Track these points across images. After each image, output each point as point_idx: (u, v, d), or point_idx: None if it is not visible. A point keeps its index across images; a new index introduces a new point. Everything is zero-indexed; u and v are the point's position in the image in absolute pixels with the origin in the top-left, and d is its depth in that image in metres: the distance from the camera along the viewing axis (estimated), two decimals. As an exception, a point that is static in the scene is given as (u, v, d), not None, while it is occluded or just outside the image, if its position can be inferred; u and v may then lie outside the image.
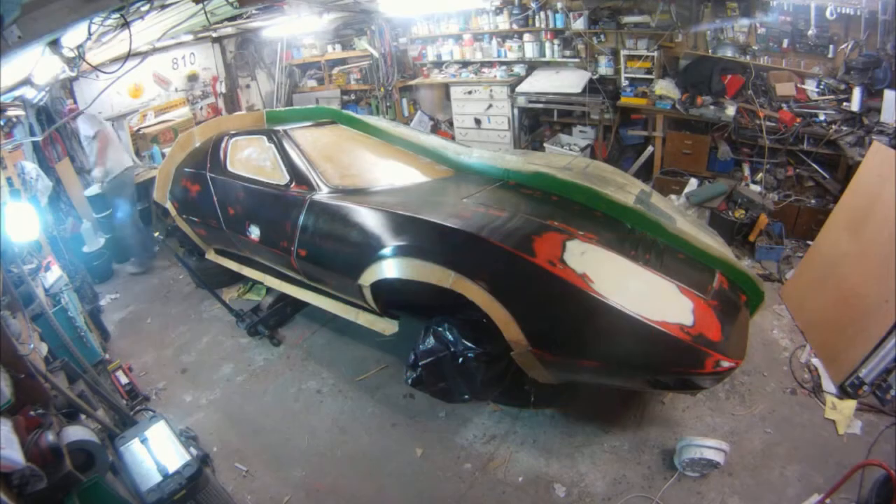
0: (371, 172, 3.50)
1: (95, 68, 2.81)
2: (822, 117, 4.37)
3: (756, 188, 4.66)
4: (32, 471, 1.62)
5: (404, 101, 7.09)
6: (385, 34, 6.59)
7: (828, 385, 3.01)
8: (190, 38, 5.96)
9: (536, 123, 6.55)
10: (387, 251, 2.68)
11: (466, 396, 2.70)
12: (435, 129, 6.95)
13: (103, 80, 2.87)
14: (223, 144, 3.80)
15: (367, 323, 3.18)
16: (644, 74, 5.27)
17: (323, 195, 3.15)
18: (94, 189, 4.96)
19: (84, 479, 1.82)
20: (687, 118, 4.94)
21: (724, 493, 2.50)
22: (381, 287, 2.82)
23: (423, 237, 2.62)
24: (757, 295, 2.77)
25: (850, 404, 2.84)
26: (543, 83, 5.81)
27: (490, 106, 6.23)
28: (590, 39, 5.57)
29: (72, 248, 4.59)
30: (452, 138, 6.40)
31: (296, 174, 3.31)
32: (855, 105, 4.17)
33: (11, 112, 4.07)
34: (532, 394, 2.94)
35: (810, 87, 4.57)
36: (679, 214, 3.44)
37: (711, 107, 4.75)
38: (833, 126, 4.24)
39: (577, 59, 5.80)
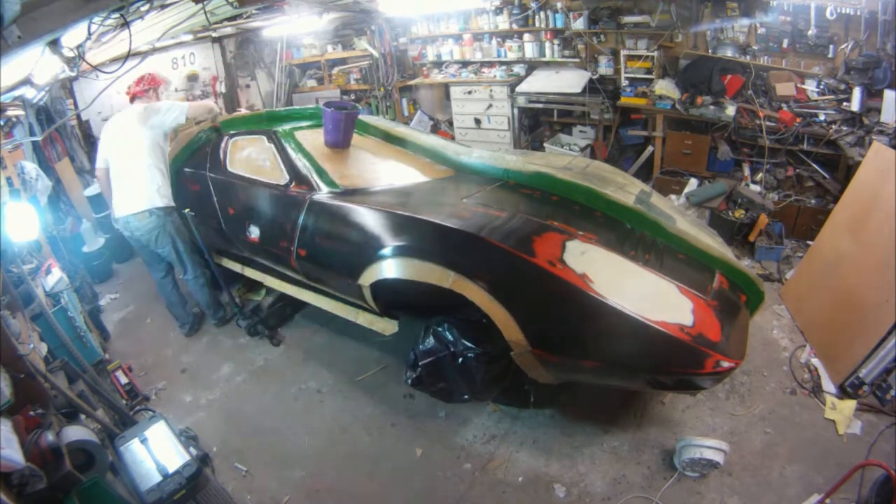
0: (371, 172, 3.50)
1: (95, 68, 2.80)
2: (822, 117, 4.36)
3: (756, 188, 4.66)
4: (32, 471, 1.61)
5: (404, 100, 7.08)
6: (385, 34, 6.58)
7: (828, 385, 3.01)
8: (190, 38, 5.95)
9: (536, 123, 6.54)
10: (386, 251, 2.67)
11: (466, 396, 2.70)
12: (435, 129, 6.93)
13: (103, 80, 2.86)
14: (223, 144, 3.80)
15: (367, 323, 3.18)
16: (644, 74, 5.26)
17: (323, 195, 3.14)
18: (94, 189, 4.95)
19: (84, 479, 1.82)
20: (687, 118, 4.93)
21: (723, 493, 2.50)
22: (380, 287, 2.82)
23: (422, 237, 2.62)
24: (757, 295, 2.77)
25: (850, 404, 2.84)
26: (543, 83, 5.80)
27: (490, 106, 6.22)
28: (590, 39, 5.57)
29: (72, 248, 4.59)
30: (452, 138, 6.40)
31: (296, 174, 3.31)
32: (855, 105, 4.17)
33: (11, 112, 4.07)
34: (532, 394, 2.95)
35: (810, 87, 4.57)
36: (679, 214, 3.44)
37: (711, 107, 4.74)
38: (833, 126, 4.24)
39: (576, 59, 5.79)
